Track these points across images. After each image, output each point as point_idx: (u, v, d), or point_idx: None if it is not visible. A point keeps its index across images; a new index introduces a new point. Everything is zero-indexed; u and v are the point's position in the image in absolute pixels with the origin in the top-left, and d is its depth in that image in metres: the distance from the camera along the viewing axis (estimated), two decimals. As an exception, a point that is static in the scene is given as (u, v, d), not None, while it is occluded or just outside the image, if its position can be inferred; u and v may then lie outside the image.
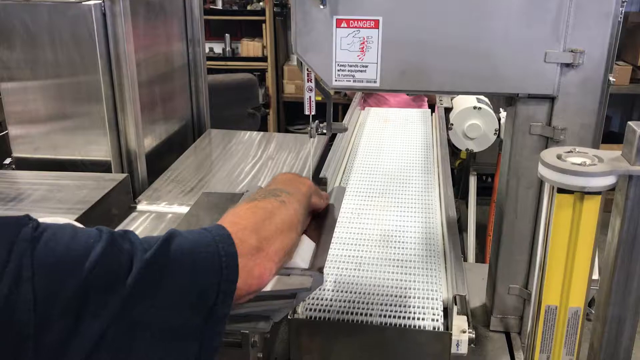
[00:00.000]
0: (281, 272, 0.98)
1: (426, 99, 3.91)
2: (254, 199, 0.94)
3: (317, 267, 1.01)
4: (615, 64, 1.26)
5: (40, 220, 0.68)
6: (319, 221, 1.19)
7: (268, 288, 0.94)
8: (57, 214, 1.58)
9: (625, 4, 1.18)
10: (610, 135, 4.87)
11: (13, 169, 2.17)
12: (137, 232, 0.74)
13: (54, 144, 2.14)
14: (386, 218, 1.70)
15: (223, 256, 0.76)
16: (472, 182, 3.28)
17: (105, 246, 0.67)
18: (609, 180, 0.88)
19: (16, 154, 2.17)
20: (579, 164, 0.89)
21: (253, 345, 1.20)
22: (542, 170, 0.91)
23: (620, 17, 1.18)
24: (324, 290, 1.35)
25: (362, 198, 1.83)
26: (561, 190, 0.90)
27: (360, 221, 1.68)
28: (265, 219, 0.88)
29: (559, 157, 0.92)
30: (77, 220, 1.51)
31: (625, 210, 0.90)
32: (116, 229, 0.73)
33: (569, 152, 0.93)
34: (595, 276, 1.13)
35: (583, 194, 0.89)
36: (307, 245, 1.10)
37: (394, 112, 2.86)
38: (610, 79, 1.22)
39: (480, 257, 3.54)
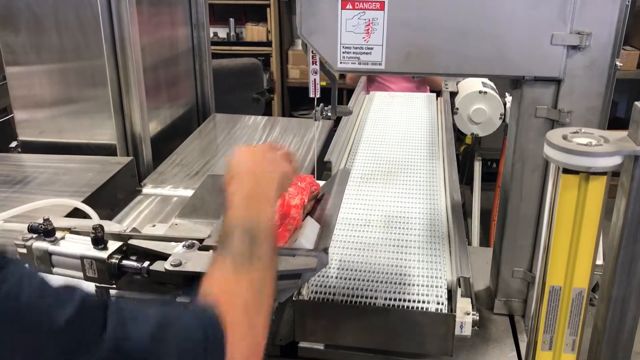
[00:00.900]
0: (286, 253, 0.99)
1: (428, 87, 3.88)
2: (238, 264, 0.85)
3: (321, 248, 1.02)
4: (623, 49, 1.25)
5: (46, 202, 0.67)
6: (323, 203, 1.20)
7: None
8: (63, 197, 1.59)
9: (633, -13, 1.17)
10: (617, 121, 4.83)
11: (19, 153, 2.18)
12: (142, 215, 0.74)
13: (59, 127, 2.15)
14: (391, 201, 1.70)
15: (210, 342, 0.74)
16: (477, 167, 3.27)
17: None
18: (615, 161, 0.88)
19: (22, 137, 2.18)
20: (584, 145, 0.89)
21: (258, 326, 1.21)
22: (548, 151, 0.91)
23: (628, 1, 1.17)
24: (329, 271, 1.36)
25: (366, 181, 1.83)
26: (567, 171, 0.90)
27: (365, 204, 1.68)
28: (255, 300, 0.83)
29: (564, 137, 0.91)
30: (83, 202, 1.52)
31: (630, 190, 0.90)
32: (121, 212, 0.71)
33: (574, 132, 0.93)
34: (599, 261, 1.13)
35: (589, 174, 0.89)
36: (312, 227, 1.10)
37: (399, 96, 2.85)
38: (617, 63, 1.21)
39: (484, 242, 3.54)
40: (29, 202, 1.44)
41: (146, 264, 1.07)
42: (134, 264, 1.07)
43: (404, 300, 1.26)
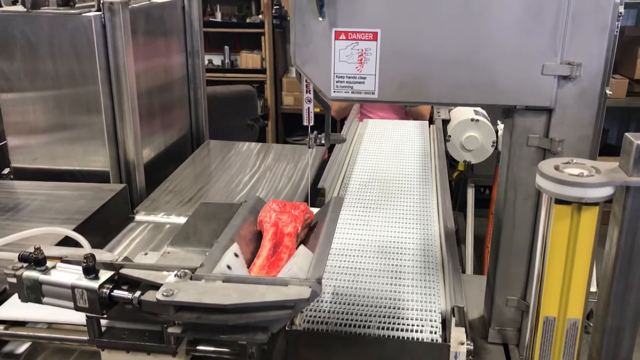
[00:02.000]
0: (280, 282, 0.98)
1: (411, 119, 3.89)
2: None
3: (315, 277, 1.01)
4: (612, 78, 1.26)
5: (37, 230, 0.66)
6: (317, 232, 1.19)
7: (267, 299, 0.94)
8: (55, 224, 1.58)
9: (621, 17, 1.19)
10: (607, 148, 4.88)
11: (11, 179, 2.17)
12: (134, 242, 0.74)
13: (52, 154, 2.14)
14: (384, 229, 1.70)
15: None
16: (470, 193, 3.28)
17: None
18: (607, 191, 0.89)
19: (15, 164, 2.17)
20: (576, 175, 0.89)
21: (251, 356, 1.20)
22: (540, 181, 0.92)
23: (617, 31, 1.19)
24: (322, 301, 1.35)
25: (360, 209, 1.83)
26: (559, 201, 0.91)
27: (358, 232, 1.68)
28: None
29: (556, 168, 0.92)
30: (75, 229, 1.51)
31: (623, 221, 0.91)
32: (113, 239, 0.71)
33: (566, 163, 0.93)
34: (593, 288, 1.13)
35: (581, 204, 0.89)
36: (305, 256, 1.10)
37: (392, 124, 2.87)
38: (607, 92, 1.23)
39: (478, 269, 3.53)
40: (20, 229, 1.42)
41: (137, 294, 1.05)
42: (125, 294, 1.06)
43: (398, 330, 1.25)
